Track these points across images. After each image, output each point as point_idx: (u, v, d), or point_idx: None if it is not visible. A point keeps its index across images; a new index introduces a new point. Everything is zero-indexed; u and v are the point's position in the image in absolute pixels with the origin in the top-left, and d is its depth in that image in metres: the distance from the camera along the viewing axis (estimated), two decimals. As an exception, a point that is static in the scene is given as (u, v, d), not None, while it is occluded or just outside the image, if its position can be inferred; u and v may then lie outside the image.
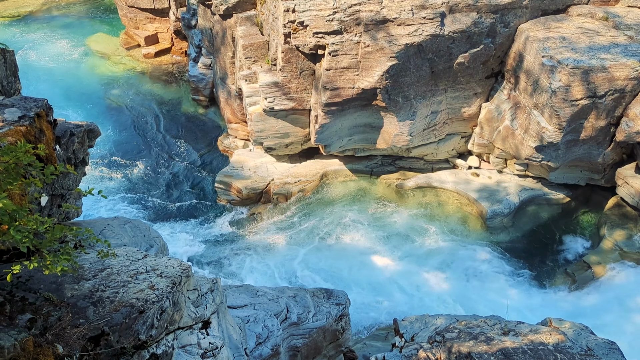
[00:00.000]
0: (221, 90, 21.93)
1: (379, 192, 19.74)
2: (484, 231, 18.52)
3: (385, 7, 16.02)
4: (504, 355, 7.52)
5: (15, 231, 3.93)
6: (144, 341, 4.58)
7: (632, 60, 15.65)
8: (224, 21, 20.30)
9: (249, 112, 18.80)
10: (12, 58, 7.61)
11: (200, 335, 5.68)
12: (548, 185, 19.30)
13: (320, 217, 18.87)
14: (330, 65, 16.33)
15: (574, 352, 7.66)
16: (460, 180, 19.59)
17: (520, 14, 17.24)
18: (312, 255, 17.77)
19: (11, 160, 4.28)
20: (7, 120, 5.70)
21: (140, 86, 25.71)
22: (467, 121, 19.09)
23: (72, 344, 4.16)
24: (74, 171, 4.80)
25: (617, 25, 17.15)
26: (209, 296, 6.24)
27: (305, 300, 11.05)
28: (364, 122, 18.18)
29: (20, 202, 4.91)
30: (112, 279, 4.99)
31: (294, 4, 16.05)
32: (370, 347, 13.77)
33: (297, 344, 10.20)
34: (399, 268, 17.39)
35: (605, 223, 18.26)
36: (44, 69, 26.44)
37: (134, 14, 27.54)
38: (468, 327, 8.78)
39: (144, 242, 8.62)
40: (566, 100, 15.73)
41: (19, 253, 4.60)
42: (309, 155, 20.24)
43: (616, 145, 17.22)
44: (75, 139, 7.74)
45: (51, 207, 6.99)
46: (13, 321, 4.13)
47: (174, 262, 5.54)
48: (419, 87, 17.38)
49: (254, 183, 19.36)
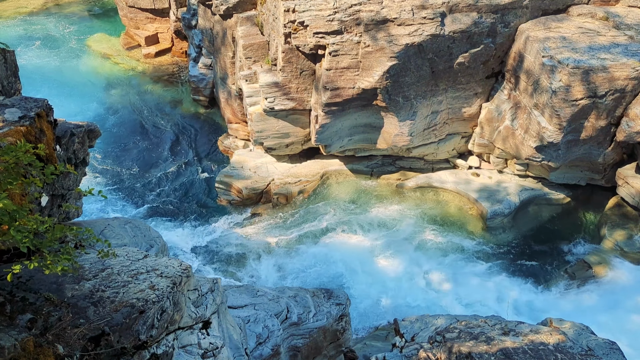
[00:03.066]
0: (221, 91, 21.94)
1: (379, 192, 19.73)
2: (484, 231, 18.52)
3: (386, 7, 16.02)
4: (505, 355, 7.52)
5: (16, 231, 3.93)
6: (144, 341, 4.58)
7: (633, 60, 15.65)
8: (224, 21, 20.31)
9: (249, 112, 18.80)
10: (13, 58, 7.60)
11: (200, 335, 5.68)
12: (548, 185, 19.29)
13: (321, 217, 18.86)
14: (330, 65, 16.33)
15: (574, 352, 7.66)
16: (460, 180, 19.58)
17: (520, 14, 17.24)
18: (313, 255, 17.77)
19: (11, 160, 4.28)
20: (7, 120, 5.70)
21: (141, 86, 25.71)
22: (467, 121, 19.09)
23: (73, 344, 4.16)
24: (74, 171, 4.80)
25: (617, 25, 17.15)
26: (209, 296, 6.24)
27: (305, 300, 11.05)
28: (364, 122, 18.18)
29: (21, 202, 4.90)
30: (112, 279, 5.00)
31: (294, 4, 16.06)
32: (370, 347, 13.77)
33: (297, 344, 10.20)
34: (399, 268, 17.40)
35: (605, 223, 18.26)
36: (44, 69, 26.44)
37: (134, 14, 27.55)
38: (468, 327, 8.77)
39: (144, 242, 8.62)
40: (566, 100, 15.72)
41: (19, 253, 4.60)
42: (309, 155, 20.24)
43: (616, 145, 17.22)
44: (75, 139, 7.73)
45: (51, 207, 6.99)
46: (13, 321, 4.13)
47: (174, 262, 5.54)
48: (419, 87, 17.38)
49: (254, 183, 19.36)
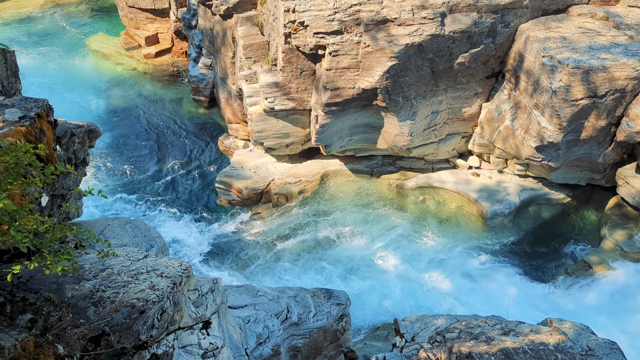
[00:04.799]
0: (222, 91, 21.94)
1: (379, 192, 19.73)
2: (484, 231, 18.52)
3: (386, 7, 16.02)
4: (505, 355, 7.52)
5: (16, 231, 3.93)
6: (144, 341, 4.58)
7: (633, 60, 15.65)
8: (225, 21, 20.31)
9: (250, 112, 18.80)
10: (13, 58, 7.60)
11: (200, 335, 5.68)
12: (548, 185, 19.29)
13: (321, 217, 18.86)
14: (330, 66, 16.33)
15: (574, 352, 7.66)
16: (460, 180, 19.58)
17: (520, 14, 17.24)
18: (313, 255, 17.78)
19: (11, 160, 4.27)
20: (7, 121, 5.70)
21: (141, 86, 25.72)
22: (467, 121, 19.09)
23: (73, 344, 4.16)
24: (75, 171, 4.80)
25: (617, 25, 17.15)
26: (210, 296, 6.23)
27: (305, 300, 11.05)
28: (365, 122, 18.18)
29: (21, 202, 4.90)
30: (112, 279, 4.99)
31: (294, 4, 16.05)
32: (370, 347, 13.77)
33: (297, 344, 10.20)
34: (400, 268, 17.40)
35: (605, 223, 18.26)
36: (44, 70, 26.46)
37: (134, 14, 27.55)
38: (468, 327, 8.77)
39: (144, 242, 8.62)
40: (567, 100, 15.72)
41: (20, 253, 4.60)
42: (310, 155, 20.24)
43: (617, 145, 17.22)
44: (75, 139, 7.74)
45: (52, 207, 6.99)
46: (14, 321, 4.13)
47: (174, 262, 5.54)
48: (420, 87, 17.38)
49: (254, 183, 19.36)
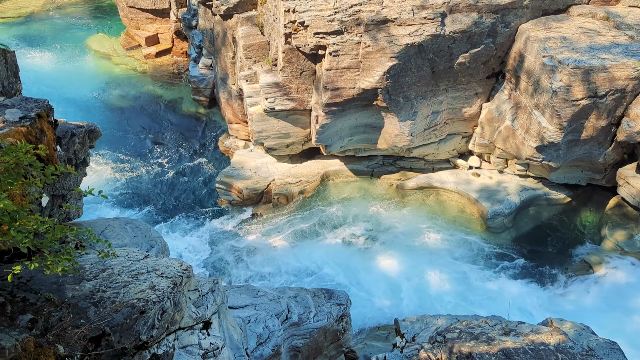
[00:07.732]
0: (222, 91, 21.94)
1: (379, 193, 19.73)
2: (484, 231, 18.52)
3: (386, 7, 16.02)
4: (505, 355, 7.52)
5: (16, 231, 3.93)
6: (145, 341, 4.58)
7: (633, 60, 15.64)
8: (225, 22, 20.31)
9: (250, 112, 18.81)
10: (13, 59, 7.61)
11: (201, 335, 5.68)
12: (549, 185, 19.28)
13: (321, 217, 18.86)
14: (330, 66, 16.33)
15: (575, 352, 7.66)
16: (461, 180, 19.57)
17: (520, 14, 17.23)
18: (313, 255, 17.77)
19: (12, 161, 4.28)
20: (7, 121, 5.70)
21: (141, 87, 25.72)
22: (467, 121, 19.08)
23: (73, 344, 4.16)
24: (75, 171, 4.80)
25: (617, 25, 17.14)
26: (210, 296, 6.24)
27: (306, 300, 11.05)
28: (365, 123, 18.18)
29: (21, 202, 4.91)
30: (113, 280, 5.00)
31: (294, 4, 16.05)
32: (371, 347, 13.78)
33: (298, 344, 10.20)
34: (400, 268, 17.39)
35: (606, 223, 18.25)
36: (44, 70, 26.46)
37: (134, 15, 27.56)
38: (469, 328, 8.77)
39: (144, 242, 8.62)
40: (567, 100, 15.72)
41: (20, 253, 4.60)
42: (310, 155, 20.24)
43: (617, 145, 17.22)
44: (76, 140, 7.74)
45: (52, 207, 6.99)
46: (14, 321, 4.13)
47: (174, 262, 5.54)
48: (420, 87, 17.37)
49: (254, 183, 19.36)
